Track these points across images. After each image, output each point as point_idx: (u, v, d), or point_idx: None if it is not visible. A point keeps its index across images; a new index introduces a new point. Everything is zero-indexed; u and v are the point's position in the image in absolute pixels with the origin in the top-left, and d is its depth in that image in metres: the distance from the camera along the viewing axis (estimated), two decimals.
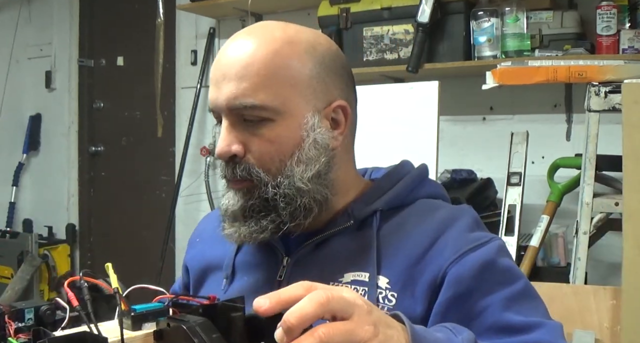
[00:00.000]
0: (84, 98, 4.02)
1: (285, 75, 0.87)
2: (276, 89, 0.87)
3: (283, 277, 0.93)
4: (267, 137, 0.88)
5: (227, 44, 0.91)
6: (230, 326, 0.65)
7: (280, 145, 0.88)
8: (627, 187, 1.65)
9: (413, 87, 2.09)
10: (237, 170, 0.88)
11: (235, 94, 0.86)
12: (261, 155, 0.88)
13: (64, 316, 0.67)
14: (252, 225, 0.89)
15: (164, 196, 3.71)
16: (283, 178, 0.88)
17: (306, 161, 0.89)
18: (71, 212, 4.06)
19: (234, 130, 0.88)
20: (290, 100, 0.88)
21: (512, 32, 2.40)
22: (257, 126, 0.88)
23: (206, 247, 1.07)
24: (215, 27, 3.42)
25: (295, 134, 0.88)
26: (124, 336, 0.64)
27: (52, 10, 4.04)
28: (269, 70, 0.87)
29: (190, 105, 3.44)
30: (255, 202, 0.89)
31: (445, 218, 0.91)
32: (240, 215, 0.90)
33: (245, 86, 0.86)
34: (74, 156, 4.05)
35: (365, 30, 2.65)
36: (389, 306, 0.85)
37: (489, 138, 2.71)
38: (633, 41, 2.24)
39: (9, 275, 3.67)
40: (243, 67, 0.87)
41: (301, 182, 0.88)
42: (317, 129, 0.89)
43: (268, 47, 0.88)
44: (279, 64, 0.87)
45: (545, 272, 2.27)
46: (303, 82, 0.89)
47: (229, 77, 0.87)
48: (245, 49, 0.88)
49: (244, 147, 0.88)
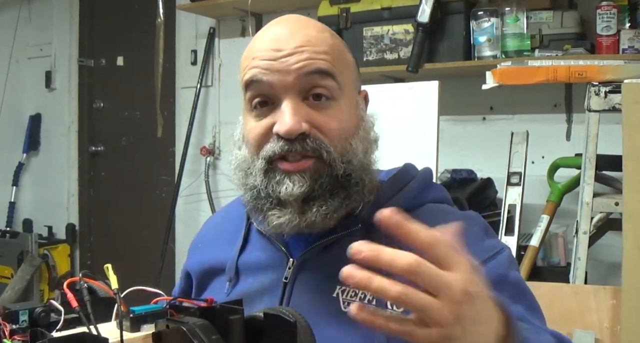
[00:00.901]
0: (84, 98, 4.02)
1: (343, 59, 0.91)
2: (339, 68, 0.89)
3: (289, 279, 0.91)
4: (334, 116, 0.87)
5: (276, 28, 0.89)
6: (229, 328, 0.65)
7: (345, 124, 0.88)
8: (627, 187, 1.65)
9: (413, 87, 2.09)
10: (308, 143, 0.85)
11: (310, 61, 0.85)
12: (330, 132, 0.86)
13: (59, 318, 0.66)
14: (322, 207, 0.85)
15: (164, 196, 3.71)
16: (350, 155, 0.87)
17: (365, 141, 0.91)
18: (71, 212, 4.06)
19: (300, 106, 0.86)
20: (347, 82, 0.90)
21: (512, 32, 2.40)
22: (322, 105, 0.87)
23: (208, 252, 1.05)
24: (215, 27, 3.42)
25: (355, 114, 0.91)
26: (123, 337, 0.64)
27: (52, 10, 4.04)
28: (334, 52, 0.89)
29: (190, 105, 3.44)
30: (325, 180, 0.86)
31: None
32: (305, 198, 0.85)
33: (322, 57, 0.86)
34: (74, 156, 4.05)
35: (365, 30, 2.65)
36: (397, 311, 0.84)
37: (489, 138, 2.71)
38: (633, 41, 2.23)
39: (9, 275, 3.67)
40: (313, 45, 0.86)
41: (366, 159, 0.90)
42: (365, 114, 0.94)
43: (326, 34, 0.90)
44: (337, 49, 0.90)
45: (545, 272, 2.27)
46: (350, 68, 0.93)
47: (299, 53, 0.85)
48: (308, 31, 0.88)
49: (309, 124, 0.86)
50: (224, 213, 1.14)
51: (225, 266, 0.99)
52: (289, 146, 0.85)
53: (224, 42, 3.41)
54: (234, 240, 1.01)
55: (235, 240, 1.00)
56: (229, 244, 1.01)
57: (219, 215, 1.17)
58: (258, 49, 0.88)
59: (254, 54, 0.88)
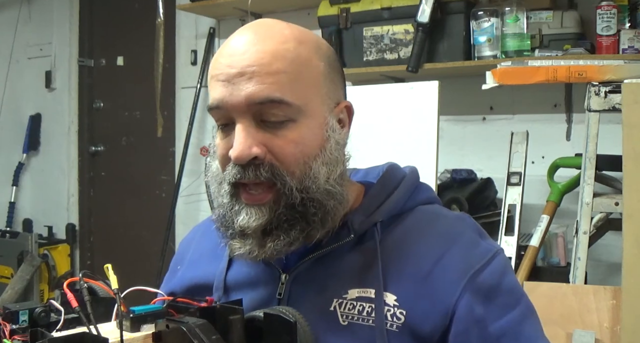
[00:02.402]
0: (84, 98, 4.02)
1: (306, 75, 0.84)
2: (300, 88, 0.83)
3: (282, 295, 0.88)
4: (290, 138, 0.82)
5: (235, 41, 0.86)
6: (229, 328, 0.65)
7: (304, 147, 0.83)
8: (627, 187, 1.65)
9: (413, 87, 2.09)
10: (261, 171, 0.81)
11: (260, 89, 0.80)
12: (285, 157, 0.82)
13: (58, 318, 0.66)
14: (280, 237, 0.82)
15: (164, 196, 3.71)
16: (309, 181, 0.83)
17: (330, 162, 0.85)
18: (71, 212, 4.06)
19: (253, 130, 0.82)
20: (312, 100, 0.84)
21: (512, 32, 2.40)
22: (279, 127, 0.82)
23: (191, 270, 1.01)
24: (215, 27, 3.42)
25: (318, 135, 0.85)
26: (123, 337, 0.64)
27: (52, 10, 4.04)
28: (294, 69, 0.83)
29: (190, 105, 3.44)
30: (282, 211, 0.82)
31: (449, 232, 0.90)
32: (263, 230, 0.83)
33: (272, 82, 0.81)
34: (74, 156, 4.05)
35: (365, 30, 2.64)
36: (397, 324, 0.83)
37: (489, 138, 2.71)
38: (633, 41, 2.23)
39: (9, 275, 3.67)
40: (266, 65, 0.81)
41: (328, 184, 0.84)
42: (336, 130, 0.87)
43: (285, 47, 0.83)
44: (299, 63, 0.84)
45: (545, 272, 2.27)
46: (320, 82, 0.86)
47: (250, 74, 0.81)
48: (262, 49, 0.82)
49: (265, 148, 0.82)
50: (203, 229, 1.08)
51: (210, 283, 0.95)
52: (241, 174, 0.82)
53: (224, 42, 3.40)
54: (218, 256, 0.97)
55: (218, 257, 0.97)
56: (212, 261, 0.97)
57: (196, 232, 1.11)
58: (217, 65, 0.85)
59: (214, 71, 0.85)
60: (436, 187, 2.03)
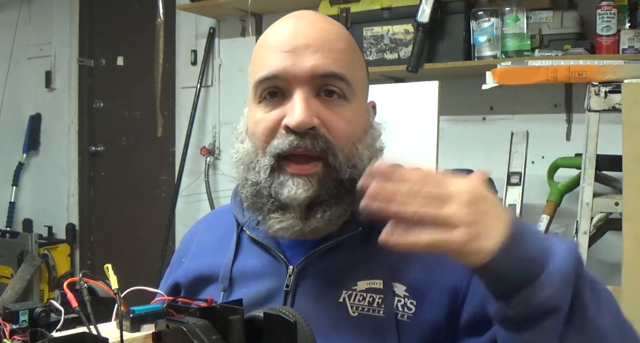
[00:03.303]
0: (84, 98, 4.02)
1: (358, 62, 0.89)
2: (355, 70, 0.87)
3: (290, 287, 0.88)
4: (344, 115, 0.85)
5: (291, 21, 0.88)
6: (229, 328, 0.65)
7: (354, 127, 0.86)
8: (627, 187, 1.65)
9: (413, 87, 2.08)
10: (318, 142, 0.82)
11: (325, 62, 0.83)
12: (338, 133, 0.83)
13: (58, 318, 0.66)
14: (326, 213, 0.83)
15: (164, 196, 3.71)
16: (356, 160, 0.85)
17: (371, 149, 0.88)
18: (71, 212, 4.06)
19: (312, 100, 0.83)
20: (360, 85, 0.89)
21: (512, 32, 2.40)
22: (334, 103, 0.84)
23: (195, 261, 1.00)
24: (215, 27, 3.42)
25: (363, 119, 0.88)
26: (123, 337, 0.64)
27: (52, 10, 4.04)
28: (352, 52, 0.87)
29: (190, 105, 3.44)
30: (330, 186, 0.83)
31: None
32: (308, 204, 0.83)
33: (336, 57, 0.84)
34: (74, 156, 4.05)
35: (365, 30, 2.64)
36: (408, 314, 0.83)
37: (489, 138, 2.71)
38: (633, 41, 2.23)
39: (9, 275, 3.67)
40: (331, 40, 0.85)
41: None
42: (373, 122, 0.92)
43: (345, 31, 0.89)
44: (355, 50, 0.89)
45: None
46: (364, 72, 0.92)
47: (316, 47, 0.83)
48: (326, 26, 0.87)
49: (320, 121, 0.83)
50: (205, 223, 1.08)
51: (216, 274, 0.94)
52: (298, 141, 0.81)
53: (224, 42, 3.41)
54: (223, 248, 0.96)
55: (224, 248, 0.96)
56: (218, 252, 0.96)
57: (198, 226, 1.10)
58: (274, 39, 0.87)
59: (273, 42, 0.86)
60: None
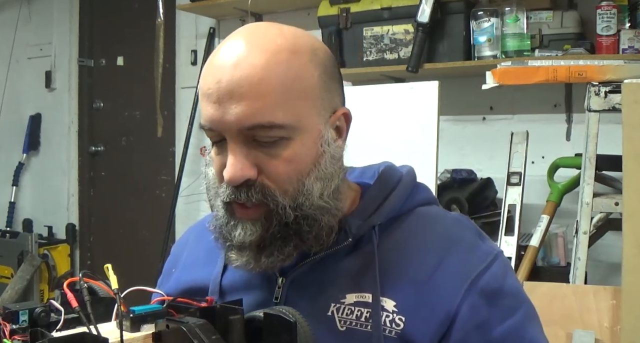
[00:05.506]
0: (84, 98, 4.02)
1: (299, 89, 0.81)
2: (291, 104, 0.80)
3: (280, 298, 0.87)
4: (283, 156, 0.80)
5: (226, 50, 0.82)
6: (229, 328, 0.65)
7: (298, 164, 0.81)
8: (627, 187, 1.65)
9: (413, 87, 2.09)
10: (252, 194, 0.80)
11: (249, 114, 0.78)
12: (278, 176, 0.81)
13: (58, 318, 0.66)
14: (274, 254, 0.83)
15: (164, 196, 3.71)
16: (303, 198, 0.82)
17: (324, 178, 0.83)
18: (71, 211, 4.06)
19: (245, 151, 0.80)
20: (305, 114, 0.81)
21: (512, 32, 2.40)
22: (272, 146, 0.80)
23: (185, 273, 1.00)
24: (215, 27, 3.42)
25: (312, 150, 0.83)
26: (123, 337, 0.64)
27: (52, 10, 4.04)
28: (284, 86, 0.79)
29: (190, 105, 3.44)
30: (274, 229, 0.82)
31: (448, 236, 0.89)
32: (258, 245, 0.83)
33: (261, 105, 0.78)
34: (74, 156, 4.05)
35: (365, 30, 2.64)
36: (396, 330, 0.82)
37: (489, 138, 2.71)
38: (633, 41, 2.23)
39: (9, 275, 3.67)
40: (255, 84, 0.78)
41: (322, 200, 0.82)
42: (331, 143, 0.84)
43: (277, 59, 0.80)
44: (292, 77, 0.80)
45: (545, 272, 2.27)
46: (313, 93, 0.82)
47: (239, 96, 0.78)
48: (252, 62, 0.79)
49: (257, 169, 0.81)
50: (196, 232, 1.07)
51: (206, 287, 0.94)
52: (235, 195, 0.81)
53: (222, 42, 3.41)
54: (212, 260, 0.96)
55: (213, 260, 0.96)
56: (207, 264, 0.96)
57: (190, 235, 1.10)
58: (204, 82, 0.82)
59: (204, 86, 0.82)
60: (436, 187, 2.03)
